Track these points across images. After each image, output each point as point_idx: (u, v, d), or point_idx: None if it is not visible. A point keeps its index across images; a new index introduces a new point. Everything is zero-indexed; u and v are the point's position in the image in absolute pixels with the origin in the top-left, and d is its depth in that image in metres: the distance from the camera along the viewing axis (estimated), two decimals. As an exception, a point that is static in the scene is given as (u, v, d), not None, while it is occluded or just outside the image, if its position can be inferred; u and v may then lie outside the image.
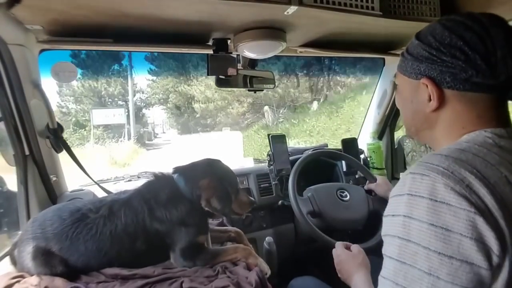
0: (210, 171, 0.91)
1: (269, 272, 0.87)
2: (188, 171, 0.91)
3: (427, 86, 0.52)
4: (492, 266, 0.39)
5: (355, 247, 0.81)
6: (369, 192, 1.27)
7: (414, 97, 0.57)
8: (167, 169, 0.95)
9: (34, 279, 0.76)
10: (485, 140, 0.48)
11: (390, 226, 0.47)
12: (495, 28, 0.48)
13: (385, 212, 0.49)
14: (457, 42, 0.49)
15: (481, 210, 0.40)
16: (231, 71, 1.11)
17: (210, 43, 1.07)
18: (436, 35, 0.52)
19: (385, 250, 0.47)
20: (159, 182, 0.91)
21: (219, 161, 0.96)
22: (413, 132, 0.62)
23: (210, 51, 1.07)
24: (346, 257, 0.77)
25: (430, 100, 0.53)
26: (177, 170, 0.92)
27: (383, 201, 1.16)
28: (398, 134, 1.71)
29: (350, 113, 8.29)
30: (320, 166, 1.50)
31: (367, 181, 1.30)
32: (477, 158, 0.45)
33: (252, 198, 1.01)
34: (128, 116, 12.69)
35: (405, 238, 0.44)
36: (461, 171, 0.43)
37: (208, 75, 1.10)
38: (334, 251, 0.82)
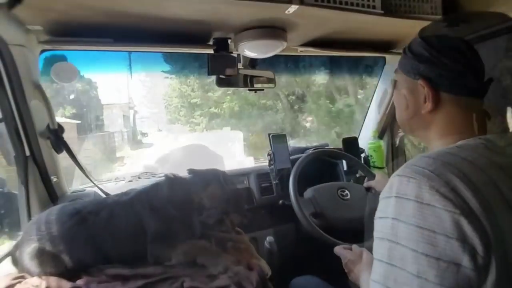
0: (223, 180, 0.94)
1: (269, 273, 0.87)
2: (203, 175, 0.94)
3: (423, 87, 0.53)
4: (477, 267, 0.39)
5: (355, 247, 0.80)
6: (369, 189, 1.27)
7: (410, 96, 0.57)
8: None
9: (35, 280, 0.76)
10: (478, 145, 0.48)
11: (379, 228, 0.47)
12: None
13: (376, 214, 0.49)
14: (459, 47, 0.51)
15: (465, 212, 0.40)
16: (231, 71, 1.11)
17: (211, 42, 1.07)
18: (440, 37, 0.52)
19: (375, 253, 0.48)
20: (169, 183, 0.91)
21: (225, 171, 1.00)
22: (408, 131, 0.62)
23: (211, 51, 1.07)
24: (354, 258, 0.76)
25: (425, 101, 0.53)
26: (192, 172, 0.95)
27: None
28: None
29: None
30: (321, 166, 1.49)
31: (366, 179, 1.29)
32: (465, 161, 0.45)
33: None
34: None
35: (393, 240, 0.44)
36: (447, 173, 0.43)
37: (208, 74, 1.09)
38: (341, 253, 0.80)
